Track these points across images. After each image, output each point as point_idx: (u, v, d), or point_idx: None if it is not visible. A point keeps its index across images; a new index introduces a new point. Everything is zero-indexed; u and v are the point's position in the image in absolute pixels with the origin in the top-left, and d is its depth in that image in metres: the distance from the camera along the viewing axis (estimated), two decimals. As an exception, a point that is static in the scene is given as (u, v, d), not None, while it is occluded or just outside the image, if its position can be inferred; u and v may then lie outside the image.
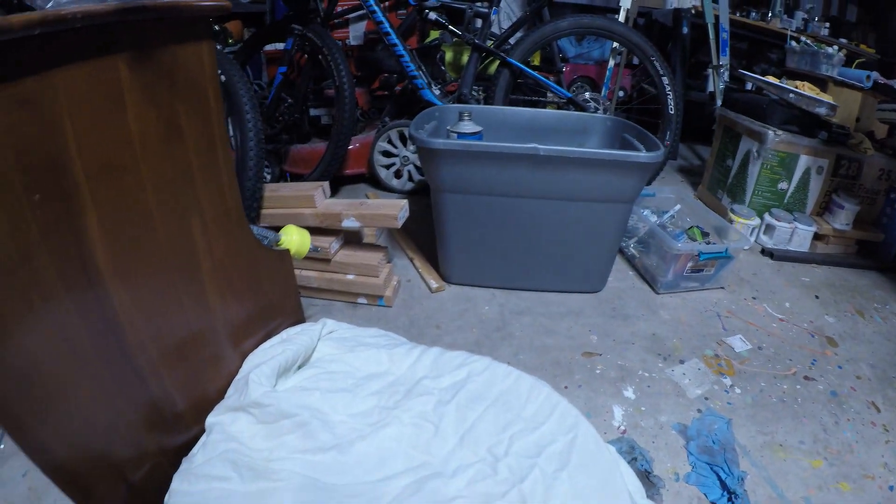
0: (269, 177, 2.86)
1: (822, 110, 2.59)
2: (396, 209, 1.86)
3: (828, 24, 4.68)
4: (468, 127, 2.09)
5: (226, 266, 1.21)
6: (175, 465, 1.08)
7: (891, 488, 1.62)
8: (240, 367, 1.32)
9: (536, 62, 3.77)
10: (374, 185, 3.14)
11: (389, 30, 2.61)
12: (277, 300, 1.47)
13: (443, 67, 3.21)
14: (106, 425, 0.89)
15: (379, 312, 1.96)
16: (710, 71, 3.70)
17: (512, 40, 2.81)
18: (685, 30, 3.71)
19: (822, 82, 3.13)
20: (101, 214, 0.84)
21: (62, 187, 0.77)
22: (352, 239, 2.00)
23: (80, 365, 0.83)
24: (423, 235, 2.48)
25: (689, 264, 2.03)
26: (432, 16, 2.70)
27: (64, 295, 0.79)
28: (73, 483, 0.83)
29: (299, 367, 1.39)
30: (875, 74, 3.26)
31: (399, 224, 1.85)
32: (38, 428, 0.77)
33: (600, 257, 2.01)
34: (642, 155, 1.78)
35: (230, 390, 1.25)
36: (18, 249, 0.71)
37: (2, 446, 1.37)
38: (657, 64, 2.64)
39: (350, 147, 2.88)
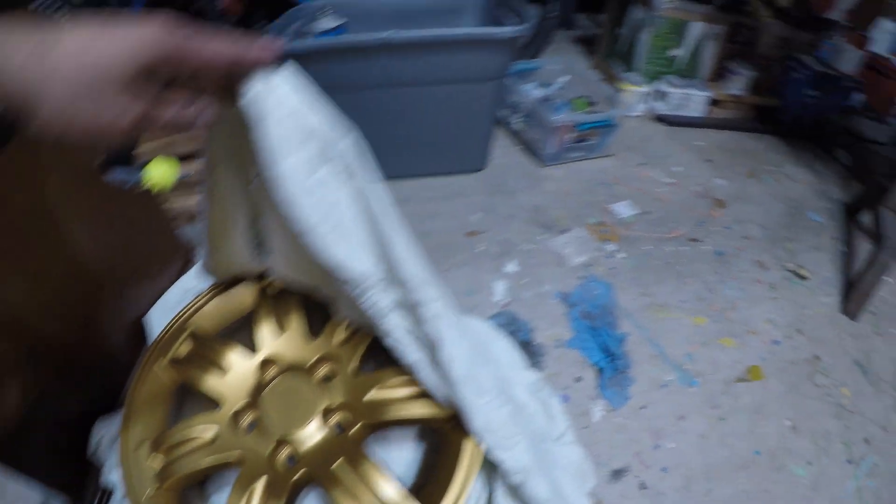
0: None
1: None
2: None
3: None
4: (328, 22, 1.95)
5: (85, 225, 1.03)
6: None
7: (775, 342, 1.66)
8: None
9: None
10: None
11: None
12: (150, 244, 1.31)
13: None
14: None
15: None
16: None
17: None
18: None
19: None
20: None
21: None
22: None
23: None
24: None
25: (572, 135, 1.97)
26: None
27: None
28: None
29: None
30: None
31: None
32: None
33: (476, 136, 1.95)
34: (497, 30, 1.71)
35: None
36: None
37: None
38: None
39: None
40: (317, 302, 0.73)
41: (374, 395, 0.65)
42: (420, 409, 0.63)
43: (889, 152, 2.82)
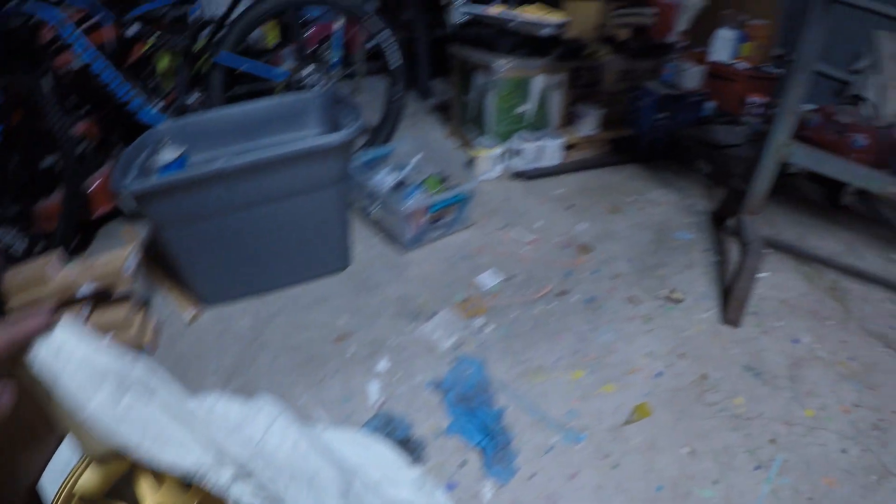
0: (20, 250, 2.54)
1: (547, 30, 2.66)
2: (120, 261, 1.71)
3: None
4: (169, 154, 1.96)
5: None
6: None
7: (658, 374, 1.69)
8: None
9: (273, 37, 3.59)
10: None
11: (90, 59, 2.37)
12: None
13: (159, 78, 2.99)
14: None
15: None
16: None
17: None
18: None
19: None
20: None
21: None
22: (102, 294, 1.83)
23: None
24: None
25: (427, 218, 2.01)
26: (132, 30, 2.50)
27: None
28: None
29: None
30: None
31: (129, 274, 1.71)
32: None
33: (333, 238, 1.98)
34: (327, 140, 1.75)
35: None
36: None
37: None
38: (373, 21, 2.58)
39: (89, 188, 2.63)
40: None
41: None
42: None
43: (744, 152, 2.98)
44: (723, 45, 4.08)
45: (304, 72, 2.71)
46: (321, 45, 3.75)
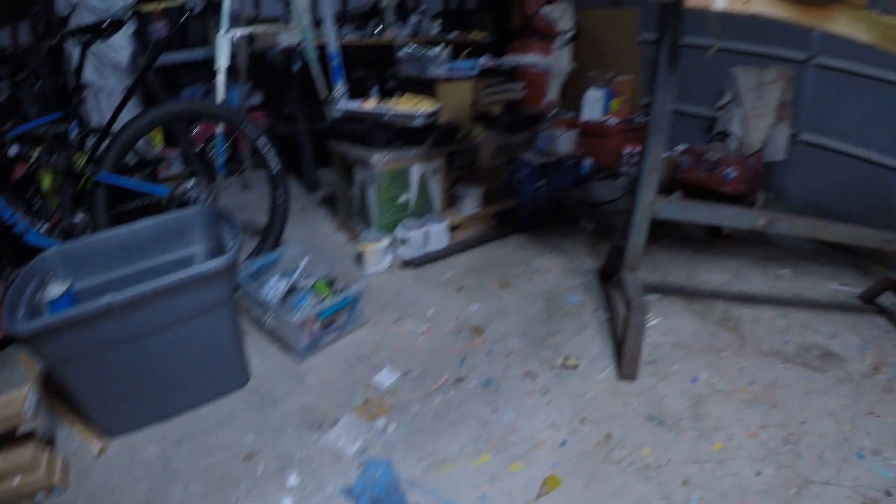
0: None
1: (418, 121, 2.75)
2: (20, 401, 1.65)
3: (440, 21, 4.93)
4: (55, 289, 1.93)
5: None
6: None
7: (562, 443, 1.74)
8: None
9: (158, 141, 3.60)
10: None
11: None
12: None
13: (44, 197, 2.92)
14: None
15: (60, 502, 1.73)
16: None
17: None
18: (296, 67, 3.76)
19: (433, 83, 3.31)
20: None
21: None
22: (5, 436, 1.75)
23: None
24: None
25: (319, 324, 2.04)
26: (12, 151, 2.45)
27: None
28: None
29: None
30: (483, 60, 3.56)
31: (30, 413, 1.64)
32: None
33: (228, 357, 1.98)
34: (208, 266, 1.76)
35: None
36: None
37: None
38: (249, 129, 2.62)
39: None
40: None
41: None
42: None
43: (623, 203, 3.15)
44: (593, 105, 4.35)
45: (187, 185, 2.71)
46: (207, 143, 3.78)
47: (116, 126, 2.59)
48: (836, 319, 2.37)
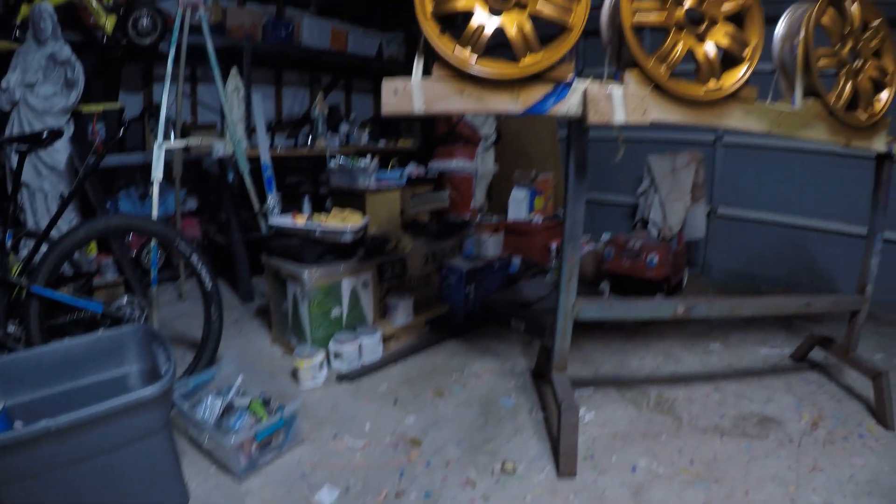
0: None
1: (347, 237, 2.83)
2: None
3: (369, 129, 5.14)
4: None
5: None
6: None
7: None
8: None
9: (92, 249, 3.55)
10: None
11: None
12: None
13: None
14: None
15: None
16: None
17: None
18: (231, 178, 3.83)
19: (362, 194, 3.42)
20: None
21: None
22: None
23: None
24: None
25: (256, 444, 2.04)
26: None
27: None
28: None
29: None
30: (410, 168, 3.73)
31: None
32: None
33: (166, 483, 1.94)
34: (143, 393, 1.75)
35: None
36: None
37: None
38: (181, 246, 2.64)
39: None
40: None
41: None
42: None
43: (552, 301, 3.25)
44: (518, 205, 4.56)
45: (122, 301, 2.71)
46: (142, 250, 3.77)
47: (54, 233, 2.61)
48: (769, 384, 2.50)
